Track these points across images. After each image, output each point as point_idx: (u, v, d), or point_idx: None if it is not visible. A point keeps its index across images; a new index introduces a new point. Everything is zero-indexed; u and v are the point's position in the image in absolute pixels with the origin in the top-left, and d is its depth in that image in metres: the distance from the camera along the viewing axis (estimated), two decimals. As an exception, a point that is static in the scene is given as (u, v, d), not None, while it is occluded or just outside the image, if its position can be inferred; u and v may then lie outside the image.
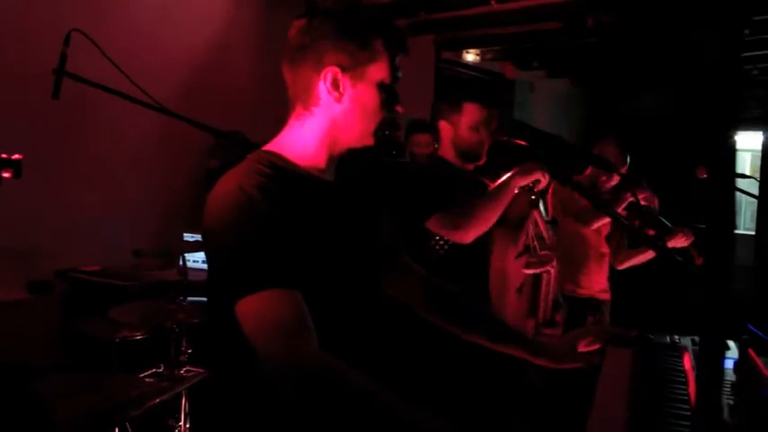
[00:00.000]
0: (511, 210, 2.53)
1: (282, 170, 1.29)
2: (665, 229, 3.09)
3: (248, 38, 4.77)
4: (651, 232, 3.37)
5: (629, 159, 3.54)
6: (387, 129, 1.39)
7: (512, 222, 2.51)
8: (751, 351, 1.02)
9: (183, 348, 2.84)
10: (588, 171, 3.61)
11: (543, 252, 2.59)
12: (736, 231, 8.81)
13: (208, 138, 3.11)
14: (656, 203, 3.26)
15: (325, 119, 1.34)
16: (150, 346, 2.86)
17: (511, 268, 2.51)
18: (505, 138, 2.50)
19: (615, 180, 3.50)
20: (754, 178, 3.50)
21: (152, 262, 3.75)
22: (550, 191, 3.59)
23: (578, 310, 3.54)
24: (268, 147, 1.37)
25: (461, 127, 2.48)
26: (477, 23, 5.44)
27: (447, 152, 2.55)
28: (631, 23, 5.30)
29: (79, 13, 3.63)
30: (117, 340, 2.81)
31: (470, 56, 6.60)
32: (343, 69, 1.31)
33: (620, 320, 3.62)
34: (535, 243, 2.58)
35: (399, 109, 1.37)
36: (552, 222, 2.73)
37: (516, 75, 7.25)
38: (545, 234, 2.61)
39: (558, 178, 2.29)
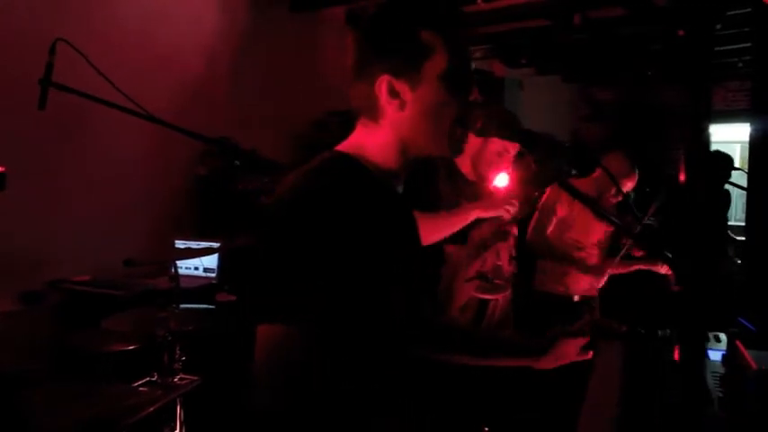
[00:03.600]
0: (472, 234, 2.49)
1: (356, 177, 1.20)
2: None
3: (236, 45, 4.76)
4: (638, 253, 3.41)
5: (637, 173, 3.55)
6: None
7: (469, 247, 2.46)
8: (739, 343, 1.02)
9: (176, 356, 2.83)
10: (597, 174, 3.60)
11: (498, 281, 2.57)
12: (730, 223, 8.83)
13: (197, 144, 3.12)
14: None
15: (392, 130, 1.23)
16: (143, 354, 2.85)
17: (458, 288, 2.47)
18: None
19: (620, 197, 3.51)
20: (743, 170, 3.51)
21: (143, 270, 3.74)
22: (545, 196, 3.60)
23: (571, 308, 3.57)
24: (347, 149, 1.26)
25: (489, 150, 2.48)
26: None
27: (464, 162, 2.54)
28: (618, 20, 5.33)
29: (64, 22, 3.62)
30: (109, 350, 2.79)
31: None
32: (397, 75, 1.19)
33: (611, 315, 3.64)
34: (490, 274, 2.56)
35: (474, 95, 1.24)
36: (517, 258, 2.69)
37: (506, 72, 7.27)
38: (506, 268, 2.59)
39: (561, 184, 2.23)
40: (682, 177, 3.80)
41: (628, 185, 3.52)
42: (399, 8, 1.23)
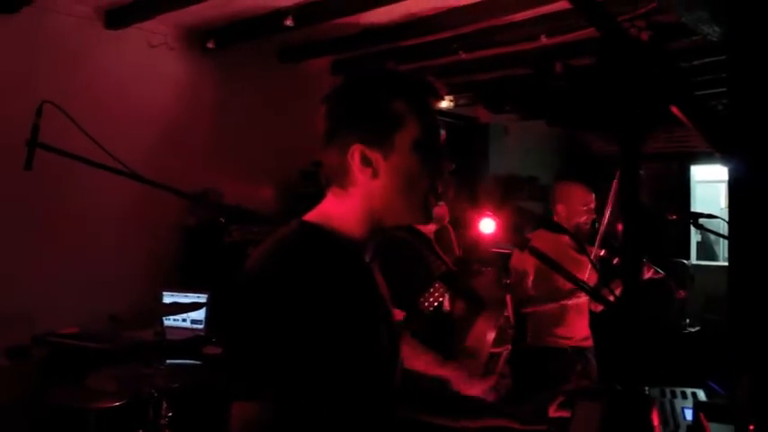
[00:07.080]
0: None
1: (324, 251, 1.20)
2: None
3: (224, 97, 4.82)
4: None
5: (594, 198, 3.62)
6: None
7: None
8: (702, 416, 1.03)
9: (162, 413, 2.81)
10: (558, 209, 3.64)
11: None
12: (716, 263, 8.86)
13: (184, 196, 3.14)
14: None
15: (363, 199, 1.23)
16: (129, 412, 2.83)
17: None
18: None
19: (588, 221, 3.57)
20: (718, 217, 3.55)
21: (130, 322, 3.73)
22: (512, 260, 3.62)
23: (565, 359, 3.54)
24: (314, 219, 1.25)
25: None
26: (447, 72, 5.53)
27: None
28: (598, 67, 5.43)
29: (50, 84, 3.69)
30: (94, 408, 2.77)
31: (444, 102, 6.71)
32: (369, 144, 1.20)
33: (608, 365, 3.62)
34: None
35: (448, 166, 1.26)
36: None
37: (490, 119, 7.38)
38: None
39: (516, 245, 2.19)
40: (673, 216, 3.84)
41: (589, 207, 3.58)
42: (371, 79, 1.27)
